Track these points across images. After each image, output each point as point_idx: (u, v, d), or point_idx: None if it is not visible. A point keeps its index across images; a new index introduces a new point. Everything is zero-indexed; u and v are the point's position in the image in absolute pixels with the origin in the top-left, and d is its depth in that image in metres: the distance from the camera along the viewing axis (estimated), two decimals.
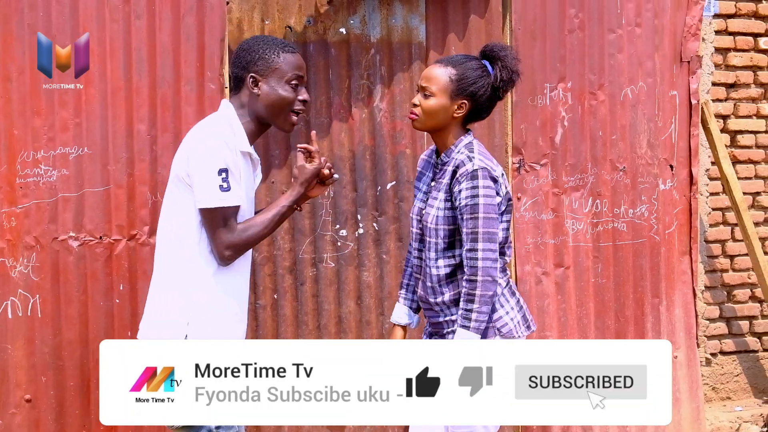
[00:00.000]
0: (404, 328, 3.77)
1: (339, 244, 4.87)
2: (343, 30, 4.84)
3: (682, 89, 5.43)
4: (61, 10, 4.33)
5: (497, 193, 3.46)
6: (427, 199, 3.58)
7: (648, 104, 5.34)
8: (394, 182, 4.95)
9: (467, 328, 3.42)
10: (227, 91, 4.47)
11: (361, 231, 4.91)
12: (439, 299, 3.57)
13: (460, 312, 3.44)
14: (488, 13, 5.01)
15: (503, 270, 3.59)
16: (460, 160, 3.47)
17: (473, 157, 3.46)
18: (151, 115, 4.46)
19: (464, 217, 3.42)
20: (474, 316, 3.42)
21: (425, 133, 3.94)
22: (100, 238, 4.41)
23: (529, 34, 5.09)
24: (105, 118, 4.40)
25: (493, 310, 3.50)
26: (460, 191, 3.42)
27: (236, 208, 3.25)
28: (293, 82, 3.33)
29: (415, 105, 3.54)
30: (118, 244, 4.44)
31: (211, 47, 4.52)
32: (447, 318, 3.56)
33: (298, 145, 3.44)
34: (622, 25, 5.29)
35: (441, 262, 3.54)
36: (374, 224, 4.93)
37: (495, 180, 3.45)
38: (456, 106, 3.51)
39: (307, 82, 3.34)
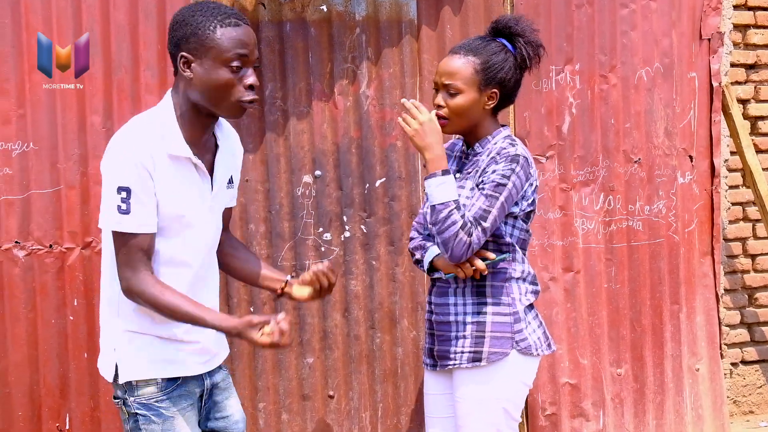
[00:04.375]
0: None
1: (323, 249, 4.68)
2: (323, 7, 4.65)
3: (701, 70, 5.25)
4: None
5: (530, 184, 3.44)
6: None
7: (665, 88, 5.16)
8: (384, 179, 4.76)
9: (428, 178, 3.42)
10: None
11: (347, 234, 4.72)
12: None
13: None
14: None
15: (535, 292, 3.56)
16: (501, 147, 3.42)
17: (516, 144, 3.42)
18: (106, 105, 4.28)
19: (484, 190, 3.36)
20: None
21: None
22: (50, 246, 4.24)
23: (532, 9, 4.91)
24: (53, 109, 4.22)
25: (516, 321, 3.45)
26: (494, 171, 3.37)
27: (140, 238, 2.90)
28: (234, 63, 2.91)
29: (439, 106, 3.45)
30: (71, 253, 4.27)
31: None
32: (455, 319, 3.49)
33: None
34: None
35: None
36: (362, 226, 4.74)
37: (529, 175, 3.43)
38: (486, 98, 3.45)
39: (259, 62, 3.10)
